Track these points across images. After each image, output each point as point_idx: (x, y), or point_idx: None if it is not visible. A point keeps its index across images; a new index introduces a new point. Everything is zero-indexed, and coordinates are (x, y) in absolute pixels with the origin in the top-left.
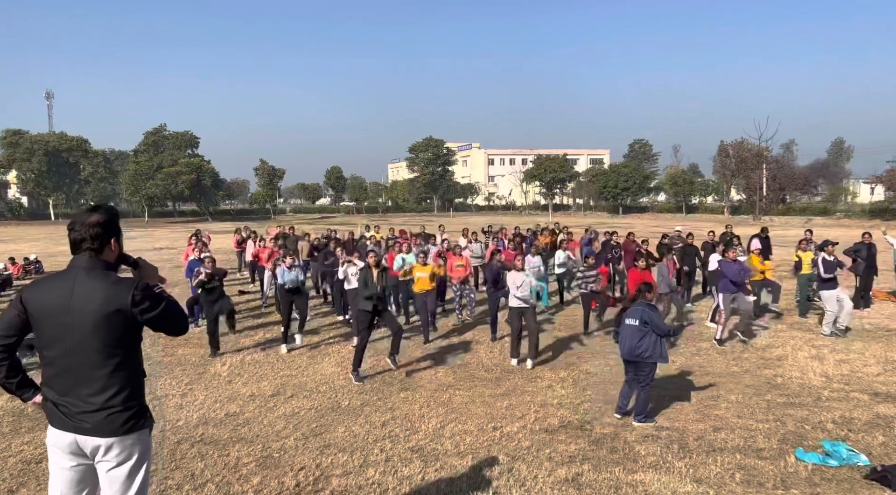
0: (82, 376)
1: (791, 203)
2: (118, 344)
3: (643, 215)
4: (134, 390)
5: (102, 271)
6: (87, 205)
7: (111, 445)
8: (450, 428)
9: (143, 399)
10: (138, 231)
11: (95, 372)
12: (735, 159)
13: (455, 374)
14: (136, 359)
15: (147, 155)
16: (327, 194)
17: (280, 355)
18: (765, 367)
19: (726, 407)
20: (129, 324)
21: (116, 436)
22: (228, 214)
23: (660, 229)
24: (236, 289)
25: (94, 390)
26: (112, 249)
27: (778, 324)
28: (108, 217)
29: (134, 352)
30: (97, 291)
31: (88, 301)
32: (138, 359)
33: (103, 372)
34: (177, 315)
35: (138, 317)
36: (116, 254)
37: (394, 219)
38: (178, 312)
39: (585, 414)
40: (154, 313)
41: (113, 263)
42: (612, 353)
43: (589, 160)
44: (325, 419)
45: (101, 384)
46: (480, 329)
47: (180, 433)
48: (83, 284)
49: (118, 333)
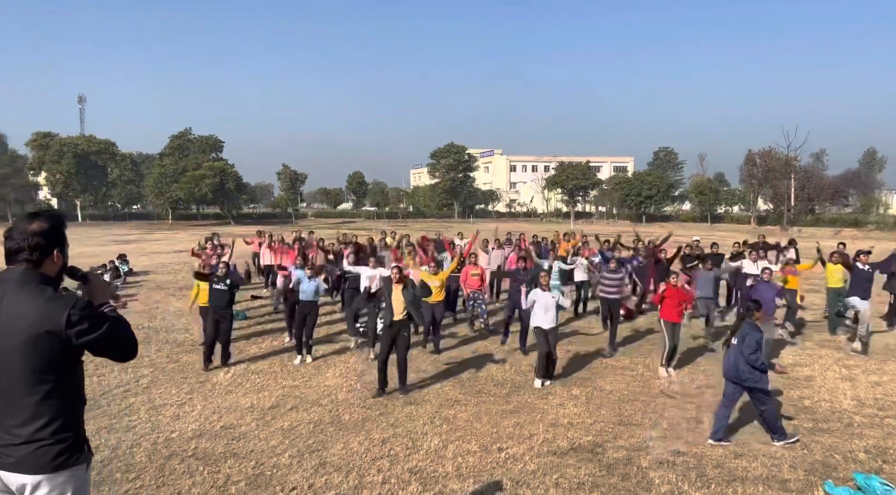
0: (7, 404)
1: (820, 213)
2: (49, 369)
3: (667, 224)
4: (68, 421)
5: (37, 286)
6: (114, 206)
7: (39, 483)
8: (452, 448)
9: (79, 430)
10: (161, 233)
11: (22, 401)
12: (762, 168)
13: (463, 388)
14: (73, 385)
15: (172, 158)
16: (349, 199)
17: (284, 365)
18: (791, 388)
19: (749, 431)
20: (62, 348)
21: (45, 473)
22: (251, 218)
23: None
24: (249, 295)
25: (19, 420)
26: (54, 261)
27: (805, 340)
28: (51, 224)
29: (69, 377)
30: (27, 309)
31: (16, 319)
32: (75, 384)
33: (31, 400)
34: (122, 338)
35: (74, 339)
36: (59, 266)
37: (414, 224)
38: (124, 335)
39: (598, 435)
40: (94, 336)
41: (53, 277)
42: (629, 369)
43: (612, 167)
44: (323, 434)
45: (29, 413)
46: (494, 339)
47: (173, 446)
48: (12, 300)
49: (49, 357)
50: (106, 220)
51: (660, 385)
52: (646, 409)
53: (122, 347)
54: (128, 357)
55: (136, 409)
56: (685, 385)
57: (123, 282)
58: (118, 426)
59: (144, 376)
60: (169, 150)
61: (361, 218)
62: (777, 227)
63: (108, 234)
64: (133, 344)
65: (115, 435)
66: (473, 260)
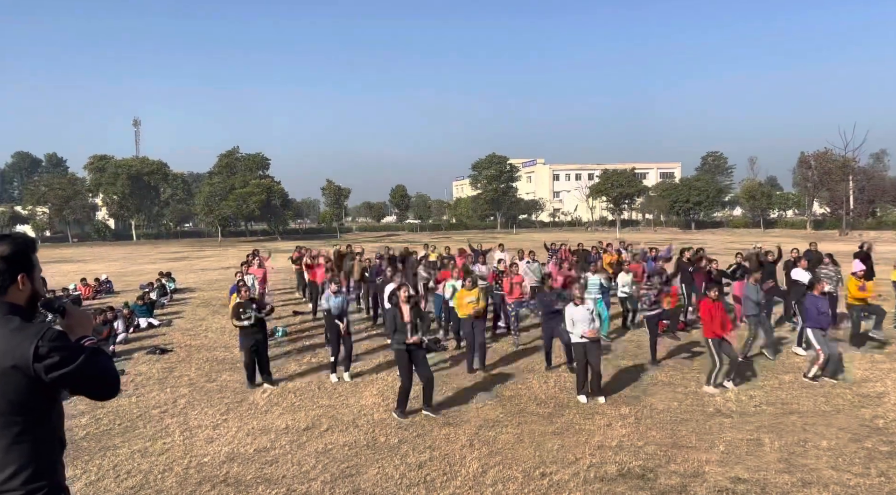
0: None
1: (882, 216)
2: (17, 409)
3: (717, 230)
4: (40, 468)
5: (2, 316)
6: (167, 225)
7: None
8: (493, 474)
9: (55, 478)
10: (211, 250)
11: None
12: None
13: (504, 408)
14: (47, 427)
15: (221, 176)
16: (392, 212)
17: (322, 383)
18: (862, 406)
19: (816, 455)
20: (32, 384)
21: None
22: (297, 233)
23: (735, 245)
24: (291, 310)
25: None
26: (20, 288)
27: (876, 353)
28: (15, 248)
29: (42, 418)
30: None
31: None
32: (50, 426)
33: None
34: (100, 374)
35: (43, 374)
36: (27, 294)
37: (457, 236)
38: (102, 371)
39: (648, 459)
40: (65, 370)
41: (22, 306)
42: (681, 385)
43: (659, 174)
44: (358, 458)
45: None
46: (536, 356)
47: (204, 471)
48: None
49: (17, 396)
50: (159, 239)
51: (715, 403)
52: (700, 430)
53: (100, 384)
54: (107, 395)
55: (171, 432)
56: (743, 402)
57: (170, 300)
58: (152, 449)
59: (182, 396)
60: (218, 169)
61: (405, 231)
62: (836, 232)
63: (160, 252)
64: (114, 380)
65: (149, 459)
66: (516, 269)
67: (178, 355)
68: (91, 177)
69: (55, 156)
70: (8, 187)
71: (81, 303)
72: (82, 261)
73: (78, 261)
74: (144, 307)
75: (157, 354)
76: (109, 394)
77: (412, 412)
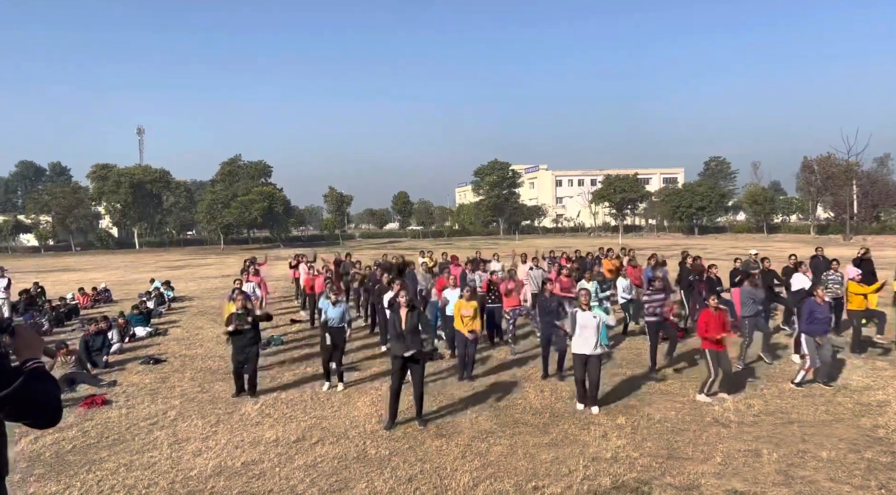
0: None
1: (886, 221)
2: None
3: (721, 235)
4: None
5: None
6: (169, 233)
7: None
8: (483, 488)
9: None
10: (213, 258)
11: None
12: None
13: (498, 418)
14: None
15: (223, 184)
16: (395, 219)
17: (316, 393)
18: (862, 415)
19: (815, 466)
20: None
21: None
22: (300, 240)
23: (738, 250)
24: (289, 318)
25: None
26: None
27: (878, 360)
28: None
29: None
30: None
31: None
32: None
33: None
34: (39, 400)
35: None
36: None
37: (459, 242)
38: (43, 397)
39: (643, 471)
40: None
41: None
42: (680, 394)
43: (662, 179)
44: (347, 471)
45: None
46: (532, 365)
47: (189, 485)
48: None
49: None
50: (161, 247)
51: (713, 412)
52: (697, 441)
53: (39, 411)
54: (45, 423)
55: (159, 444)
56: (741, 412)
57: (168, 309)
58: (138, 463)
59: (173, 407)
60: (220, 177)
61: (408, 237)
62: (840, 236)
63: (161, 260)
64: (55, 409)
65: (134, 473)
66: (514, 275)
67: (172, 365)
68: (94, 186)
69: (59, 165)
70: (12, 196)
71: (79, 312)
72: (83, 269)
73: (79, 269)
74: (141, 316)
75: (150, 364)
76: (47, 422)
77: (405, 422)
